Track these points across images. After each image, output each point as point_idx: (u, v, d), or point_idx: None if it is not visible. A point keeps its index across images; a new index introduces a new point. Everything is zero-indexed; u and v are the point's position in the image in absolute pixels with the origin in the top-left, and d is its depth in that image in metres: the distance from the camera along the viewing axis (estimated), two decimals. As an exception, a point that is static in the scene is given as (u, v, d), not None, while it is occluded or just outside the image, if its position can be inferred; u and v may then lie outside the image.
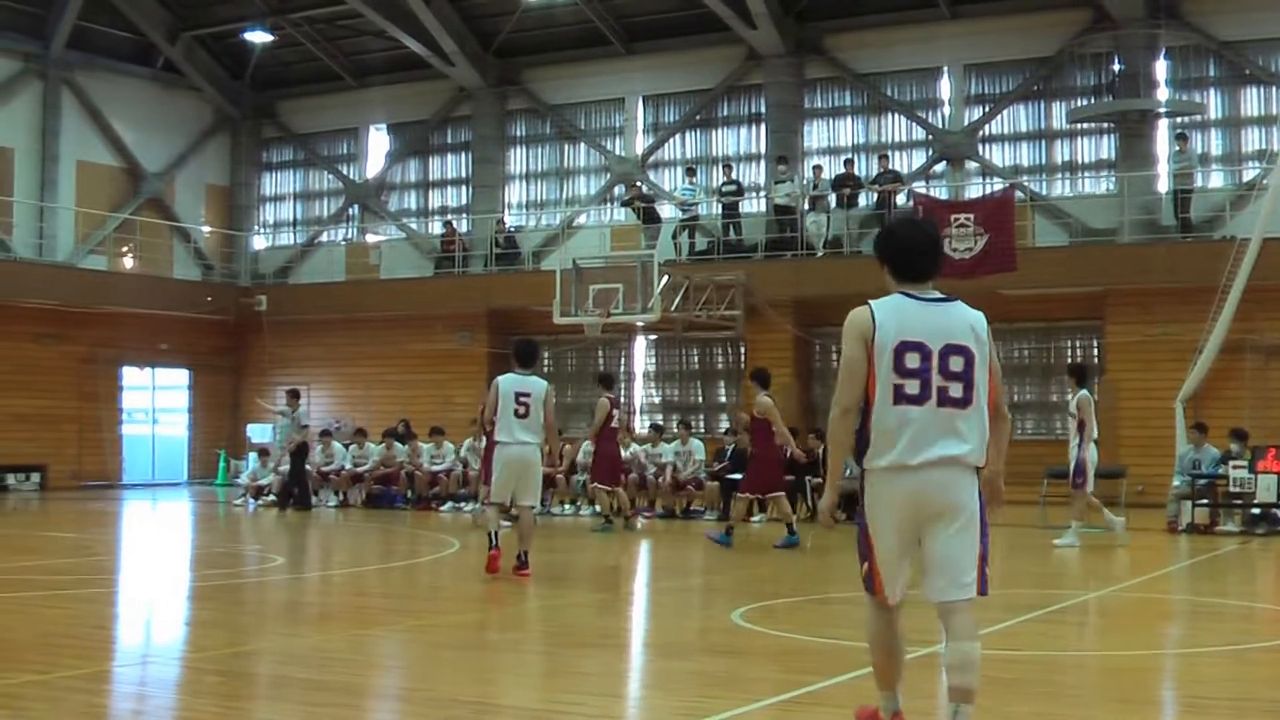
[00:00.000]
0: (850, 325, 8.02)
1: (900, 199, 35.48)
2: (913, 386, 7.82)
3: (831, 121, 38.40)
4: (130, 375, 41.94)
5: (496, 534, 17.42)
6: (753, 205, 38.35)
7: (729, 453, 29.41)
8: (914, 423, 7.80)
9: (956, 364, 7.89)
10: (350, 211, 45.35)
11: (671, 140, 40.18)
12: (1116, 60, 34.63)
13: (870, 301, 8.08)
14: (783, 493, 23.67)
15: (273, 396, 39.51)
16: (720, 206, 37.49)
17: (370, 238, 44.61)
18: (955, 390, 7.87)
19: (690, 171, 38.55)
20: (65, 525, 27.95)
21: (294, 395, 32.68)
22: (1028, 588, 17.69)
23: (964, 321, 8.02)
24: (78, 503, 33.97)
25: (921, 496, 7.88)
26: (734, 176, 37.78)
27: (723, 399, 37.95)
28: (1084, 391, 22.77)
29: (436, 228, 42.93)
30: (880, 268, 8.30)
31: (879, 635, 8.45)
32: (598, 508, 26.55)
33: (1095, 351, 34.14)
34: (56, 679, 10.60)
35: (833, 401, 8.07)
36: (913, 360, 7.84)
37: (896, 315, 7.95)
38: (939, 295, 8.13)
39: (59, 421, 38.88)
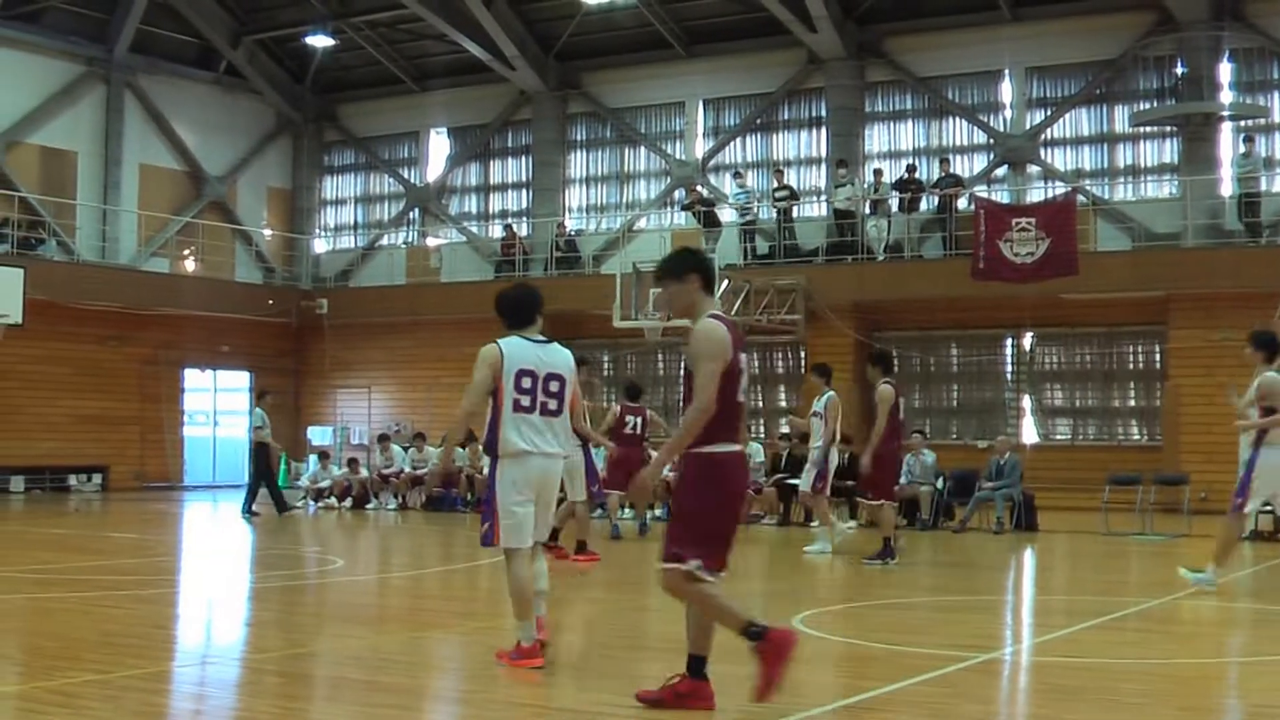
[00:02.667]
0: (485, 356, 11.10)
1: (961, 203, 35.34)
2: (526, 400, 11.06)
3: (892, 125, 38.29)
4: (192, 377, 42.15)
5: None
6: (813, 209, 38.27)
7: (785, 458, 29.34)
8: (529, 424, 11.07)
9: (554, 386, 11.19)
10: (411, 215, 45.47)
11: (732, 144, 40.12)
12: (1180, 63, 34.38)
13: (498, 340, 11.16)
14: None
15: (334, 398, 39.80)
16: (775, 211, 37.40)
17: (431, 241, 44.71)
18: (552, 404, 11.19)
19: (738, 175, 38.47)
20: (127, 526, 28.09)
21: (260, 396, 32.25)
22: (1089, 594, 17.61)
23: (560, 356, 11.33)
24: (139, 503, 34.14)
25: (542, 475, 11.17)
26: (785, 181, 37.69)
27: (783, 403, 37.86)
28: (832, 393, 21.90)
29: (497, 231, 42.94)
30: (501, 320, 11.45)
31: (520, 578, 11.11)
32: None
33: (1158, 357, 33.93)
34: (117, 678, 10.63)
35: (462, 405, 11.33)
36: (526, 382, 11.07)
37: (517, 350, 11.11)
38: (543, 338, 11.36)
39: (121, 423, 39.12)
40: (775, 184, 37.62)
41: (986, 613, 15.93)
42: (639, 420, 24.13)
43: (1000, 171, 37.12)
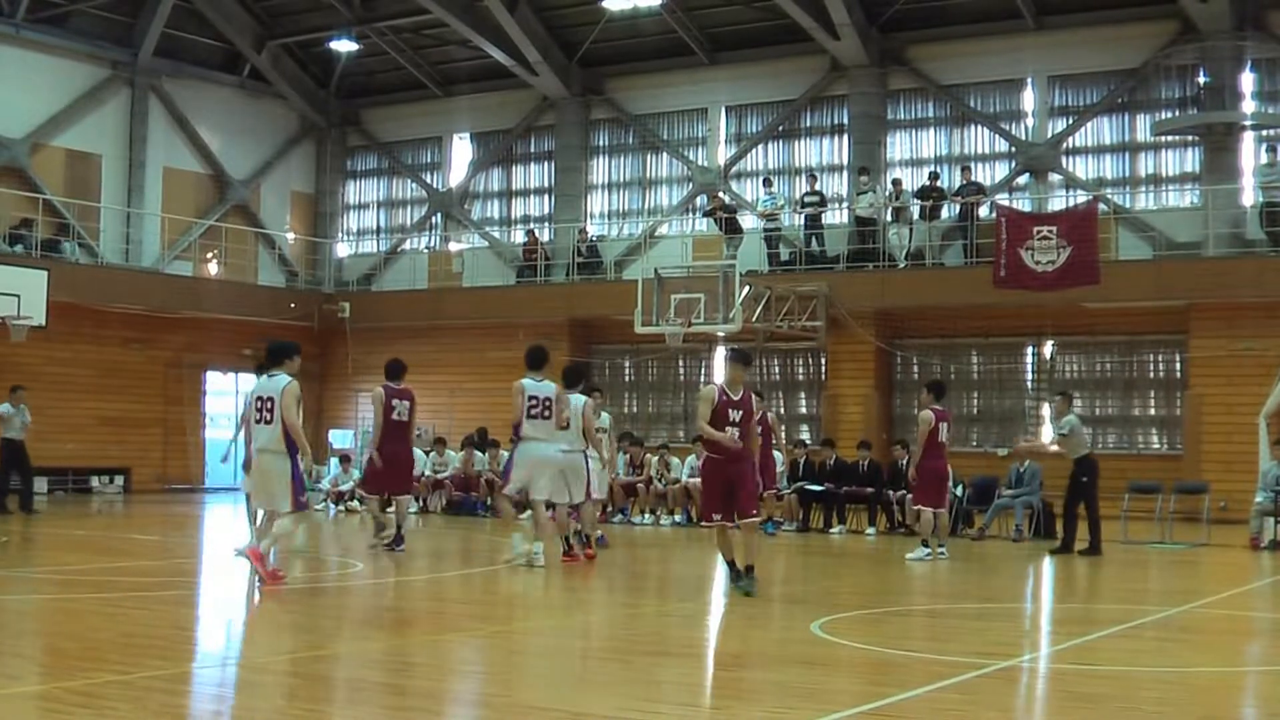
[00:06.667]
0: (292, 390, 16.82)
1: (983, 210, 35.31)
2: (256, 416, 16.95)
3: (915, 132, 38.25)
4: (214, 380, 42.13)
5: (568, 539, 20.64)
6: (835, 216, 38.22)
7: (802, 465, 29.31)
8: (256, 434, 17.15)
9: (269, 405, 16.79)
10: (433, 220, 45.52)
11: (754, 151, 40.12)
12: (1202, 72, 34.32)
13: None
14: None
15: (356, 402, 39.80)
16: (803, 217, 37.40)
17: (453, 246, 44.74)
18: (269, 417, 16.81)
19: (767, 182, 38.45)
20: (148, 528, 28.16)
21: (12, 390, 31.75)
22: (1108, 603, 17.60)
23: (275, 385, 16.90)
24: (161, 505, 34.21)
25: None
26: (816, 187, 37.65)
27: (804, 410, 37.86)
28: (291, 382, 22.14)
29: (519, 236, 43.02)
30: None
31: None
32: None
33: (1178, 366, 33.86)
34: (138, 679, 10.67)
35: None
36: (257, 403, 17.01)
37: (257, 383, 17.37)
38: (277, 372, 17.14)
39: (144, 425, 39.23)
40: (808, 189, 37.55)
41: (1005, 620, 15.92)
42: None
43: (1022, 179, 37.04)
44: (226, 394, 42.70)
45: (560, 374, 21.28)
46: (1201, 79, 34.37)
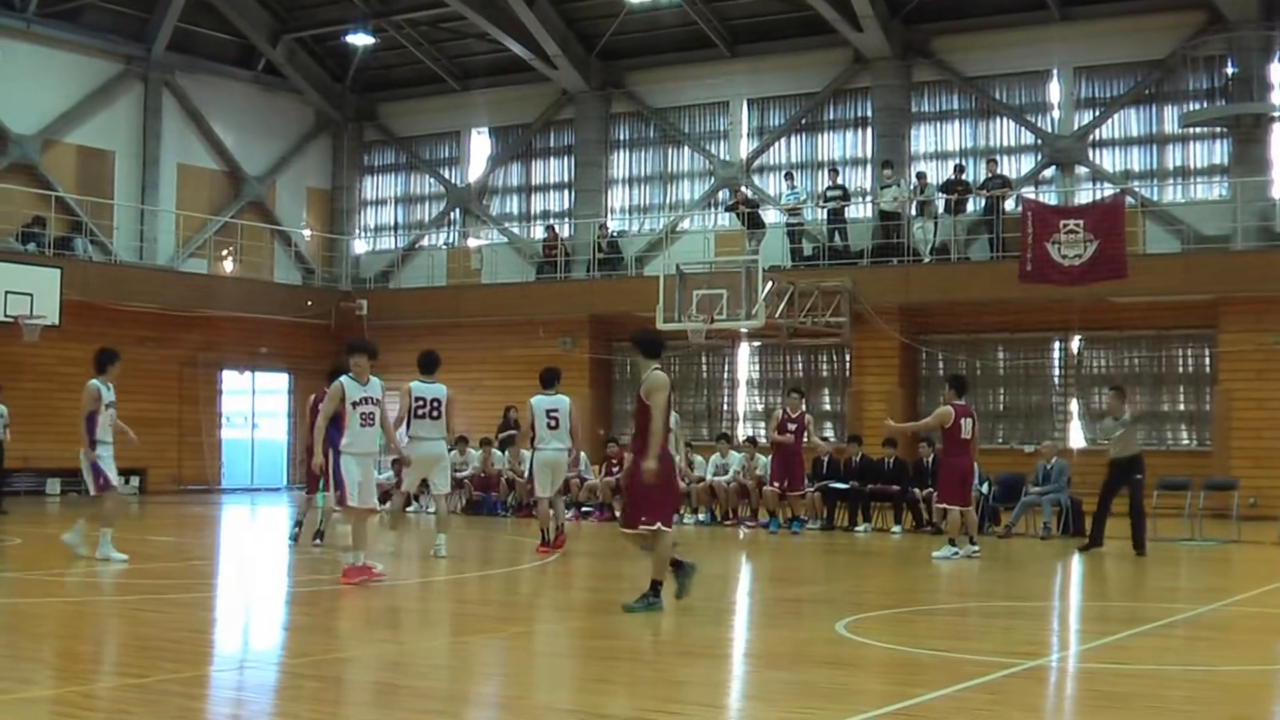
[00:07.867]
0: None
1: (1009, 204, 35.07)
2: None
3: (939, 125, 38.01)
4: (230, 379, 41.99)
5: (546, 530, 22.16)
6: (859, 211, 37.99)
7: (826, 462, 29.03)
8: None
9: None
10: (451, 215, 45.37)
11: (776, 144, 39.89)
12: (1230, 63, 34.05)
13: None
14: None
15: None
16: (825, 212, 37.15)
17: (471, 242, 44.60)
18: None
19: (789, 176, 38.23)
20: (164, 529, 28.09)
21: None
22: (1137, 601, 17.45)
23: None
24: (177, 507, 34.11)
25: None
26: (839, 181, 37.41)
27: (828, 407, 37.64)
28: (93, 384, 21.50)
29: (538, 232, 42.81)
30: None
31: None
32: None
33: (1207, 360, 33.57)
34: (154, 683, 10.63)
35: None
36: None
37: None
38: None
39: (159, 425, 38.90)
40: (830, 183, 37.30)
41: (1033, 618, 15.73)
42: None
43: (1048, 172, 36.82)
44: (242, 393, 42.65)
45: (539, 377, 23.02)
46: (1229, 70, 34.10)
